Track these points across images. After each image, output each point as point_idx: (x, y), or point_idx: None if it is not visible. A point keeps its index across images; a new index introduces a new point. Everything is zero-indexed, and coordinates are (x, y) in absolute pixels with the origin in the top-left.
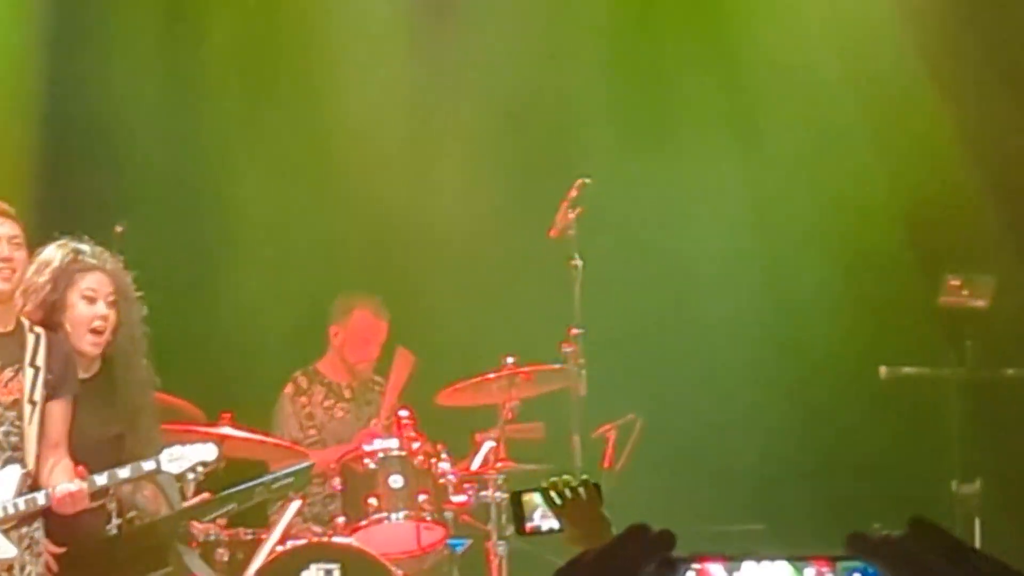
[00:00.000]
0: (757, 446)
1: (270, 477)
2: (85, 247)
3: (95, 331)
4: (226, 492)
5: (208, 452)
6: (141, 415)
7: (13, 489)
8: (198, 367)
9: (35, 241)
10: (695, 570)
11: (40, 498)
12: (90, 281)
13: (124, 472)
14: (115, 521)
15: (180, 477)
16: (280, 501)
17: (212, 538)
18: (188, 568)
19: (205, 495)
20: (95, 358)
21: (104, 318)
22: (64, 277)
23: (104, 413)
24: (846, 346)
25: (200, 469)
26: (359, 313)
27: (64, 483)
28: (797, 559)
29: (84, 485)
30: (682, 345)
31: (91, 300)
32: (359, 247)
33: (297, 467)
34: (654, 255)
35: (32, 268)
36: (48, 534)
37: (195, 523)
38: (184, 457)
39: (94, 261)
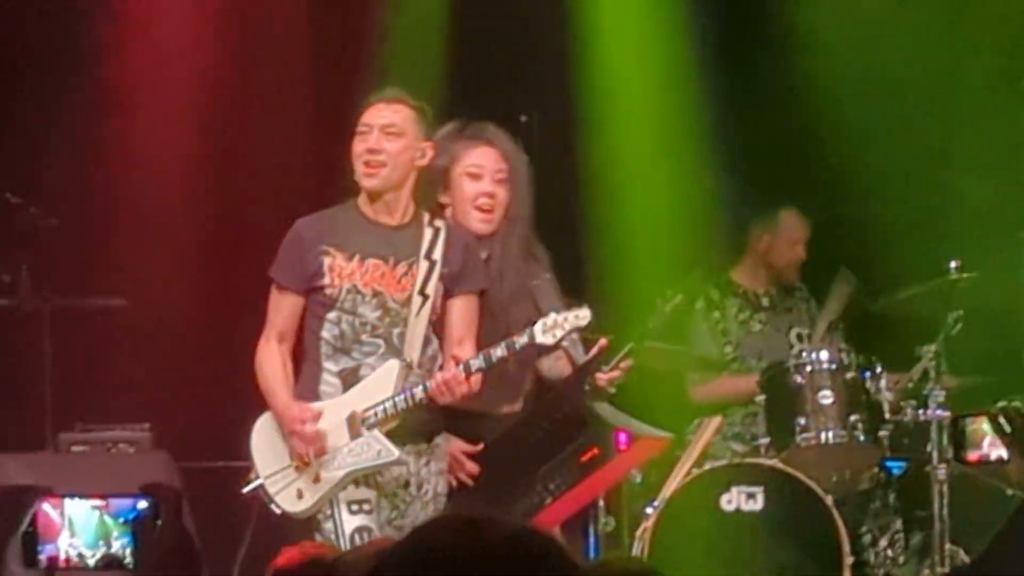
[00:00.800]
0: None
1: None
2: (474, 124)
3: (480, 208)
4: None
5: (582, 316)
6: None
7: (392, 386)
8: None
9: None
10: None
11: (418, 392)
12: (476, 157)
13: (498, 351)
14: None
15: (557, 344)
16: (697, 419)
17: None
18: (610, 423)
19: (602, 342)
20: (487, 238)
21: (491, 195)
22: (448, 153)
23: (503, 298)
24: None
25: (575, 337)
26: (787, 214)
27: (439, 372)
28: None
29: (458, 370)
30: None
31: (476, 177)
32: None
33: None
34: None
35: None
36: (461, 436)
37: (599, 375)
38: (558, 325)
39: (482, 135)
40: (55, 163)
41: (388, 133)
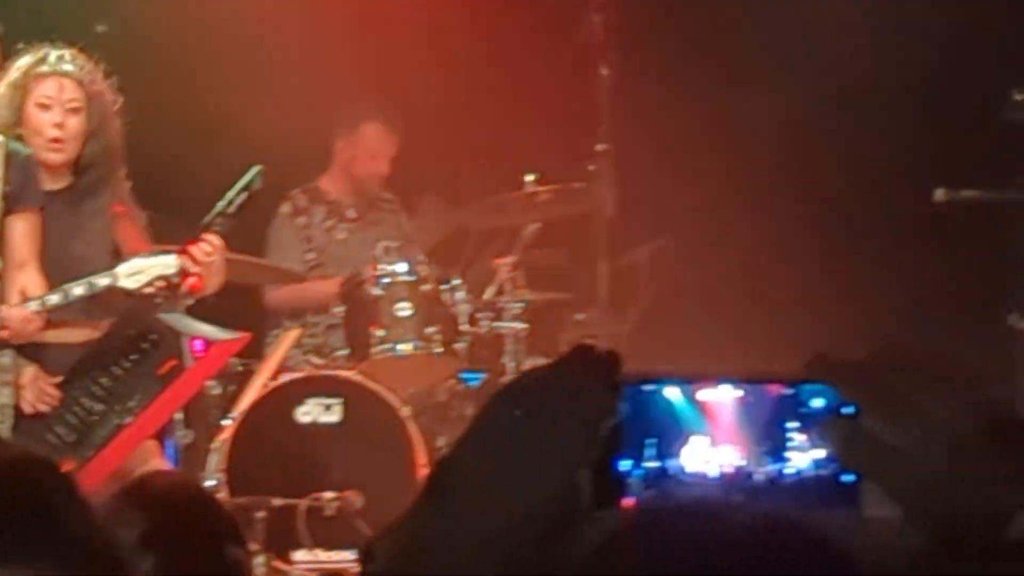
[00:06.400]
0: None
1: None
2: (54, 53)
3: (54, 140)
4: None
5: (168, 264)
6: (110, 236)
7: None
8: (182, 182)
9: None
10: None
11: None
12: (47, 88)
13: (78, 289)
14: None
15: (140, 291)
16: (275, 331)
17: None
18: (184, 332)
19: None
20: (63, 169)
21: (59, 126)
22: (21, 87)
23: (72, 230)
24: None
25: (160, 284)
26: (369, 127)
27: (8, 308)
28: (750, 382)
29: (34, 305)
30: (722, 160)
31: (46, 108)
32: (354, 50)
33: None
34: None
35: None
36: (43, 365)
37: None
38: (142, 271)
39: (54, 67)
40: None
41: None
